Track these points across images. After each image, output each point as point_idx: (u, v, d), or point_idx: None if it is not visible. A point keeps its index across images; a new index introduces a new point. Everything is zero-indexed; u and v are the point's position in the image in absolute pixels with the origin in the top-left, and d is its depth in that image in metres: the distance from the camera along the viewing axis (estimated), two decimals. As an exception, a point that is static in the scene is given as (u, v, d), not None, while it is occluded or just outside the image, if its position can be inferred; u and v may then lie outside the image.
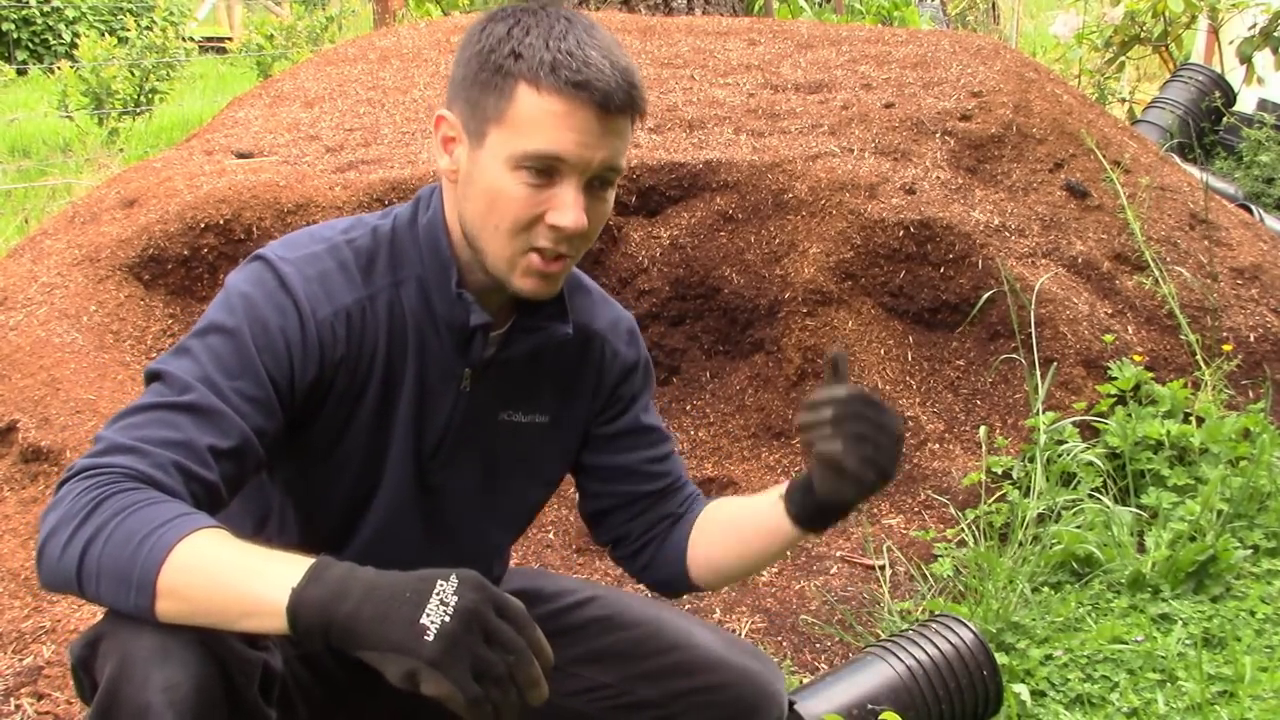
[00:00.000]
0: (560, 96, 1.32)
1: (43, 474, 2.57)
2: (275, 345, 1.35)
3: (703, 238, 3.25)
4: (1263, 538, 2.74)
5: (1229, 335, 3.36)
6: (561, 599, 1.71)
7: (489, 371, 1.50)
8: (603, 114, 1.33)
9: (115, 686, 1.21)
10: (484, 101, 1.36)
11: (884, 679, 2.03)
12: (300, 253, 1.41)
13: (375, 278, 1.43)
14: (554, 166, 1.34)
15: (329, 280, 1.40)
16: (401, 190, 3.15)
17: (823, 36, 4.33)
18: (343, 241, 1.44)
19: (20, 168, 7.34)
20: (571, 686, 1.65)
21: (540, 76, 1.32)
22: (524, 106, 1.33)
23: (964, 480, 2.86)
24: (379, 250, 1.45)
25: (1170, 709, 2.17)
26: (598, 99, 1.32)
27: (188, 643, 1.22)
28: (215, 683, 1.23)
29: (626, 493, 1.65)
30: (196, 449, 1.28)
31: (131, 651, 1.21)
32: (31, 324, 2.88)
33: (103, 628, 1.25)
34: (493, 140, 1.36)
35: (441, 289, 1.44)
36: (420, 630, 1.13)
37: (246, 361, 1.33)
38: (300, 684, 1.49)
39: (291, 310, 1.37)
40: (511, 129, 1.34)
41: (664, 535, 1.66)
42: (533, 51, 1.33)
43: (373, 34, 5.14)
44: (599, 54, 1.33)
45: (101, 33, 10.07)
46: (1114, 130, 4.03)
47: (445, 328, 1.45)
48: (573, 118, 1.32)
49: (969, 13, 10.65)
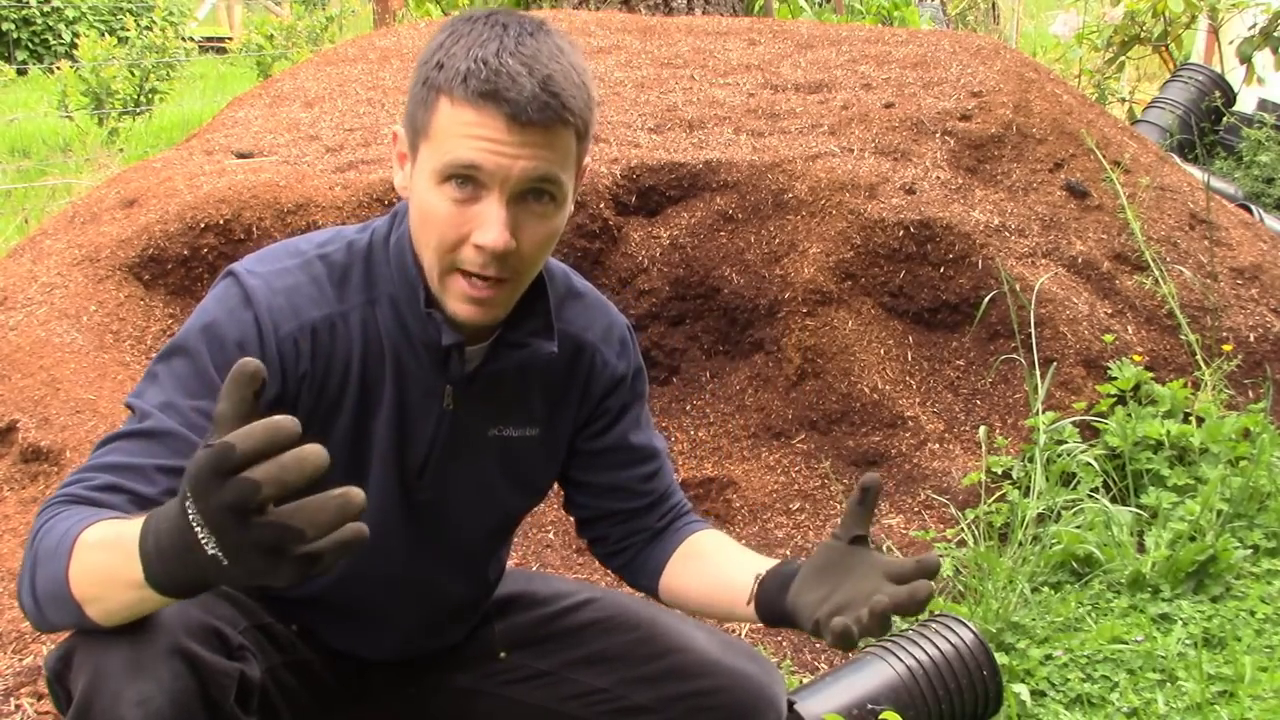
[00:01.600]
0: (470, 106, 1.29)
1: (43, 474, 2.57)
2: (233, 362, 1.33)
3: (703, 238, 3.25)
4: (1263, 538, 2.74)
5: (1229, 335, 3.36)
6: (557, 602, 1.71)
7: (473, 388, 1.47)
8: (514, 124, 1.28)
9: (88, 702, 1.20)
10: (417, 116, 1.35)
11: (884, 679, 2.03)
12: (271, 267, 1.40)
13: (349, 294, 1.42)
14: (474, 178, 1.30)
15: (297, 295, 1.39)
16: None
17: (823, 36, 4.33)
18: (316, 256, 1.42)
19: (20, 168, 7.34)
20: (567, 691, 1.65)
21: (454, 87, 1.30)
22: (442, 119, 1.31)
23: (964, 480, 2.86)
24: (353, 266, 1.43)
25: (1170, 709, 2.17)
26: (506, 110, 1.28)
27: (160, 655, 1.21)
28: (190, 695, 1.22)
29: (608, 508, 1.64)
30: (141, 469, 1.27)
31: (103, 665, 1.20)
32: (31, 324, 2.88)
33: (75, 640, 1.25)
34: (422, 155, 1.34)
35: (412, 307, 1.41)
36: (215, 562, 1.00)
37: (207, 381, 1.32)
38: (286, 691, 1.48)
39: (251, 326, 1.35)
40: (434, 142, 1.32)
41: (641, 546, 1.65)
42: (452, 62, 1.31)
43: (373, 34, 5.14)
44: (518, 62, 1.29)
45: (101, 33, 10.07)
46: (1114, 130, 4.03)
47: (421, 346, 1.43)
48: (483, 127, 1.29)
49: (969, 13, 10.64)
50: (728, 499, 2.93)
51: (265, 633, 1.43)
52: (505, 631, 1.69)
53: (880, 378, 3.07)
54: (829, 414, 3.02)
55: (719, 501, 2.94)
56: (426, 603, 1.60)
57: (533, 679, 1.66)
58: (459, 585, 1.62)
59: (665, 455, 1.68)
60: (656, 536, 1.64)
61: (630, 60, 4.10)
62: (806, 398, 3.04)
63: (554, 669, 1.66)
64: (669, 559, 1.62)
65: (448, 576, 1.59)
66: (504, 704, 1.66)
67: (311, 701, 1.55)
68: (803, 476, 2.93)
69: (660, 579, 1.62)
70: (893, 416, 3.01)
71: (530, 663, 1.67)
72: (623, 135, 3.51)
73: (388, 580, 1.53)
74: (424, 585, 1.57)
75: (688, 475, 2.99)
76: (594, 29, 4.40)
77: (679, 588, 1.61)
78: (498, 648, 1.68)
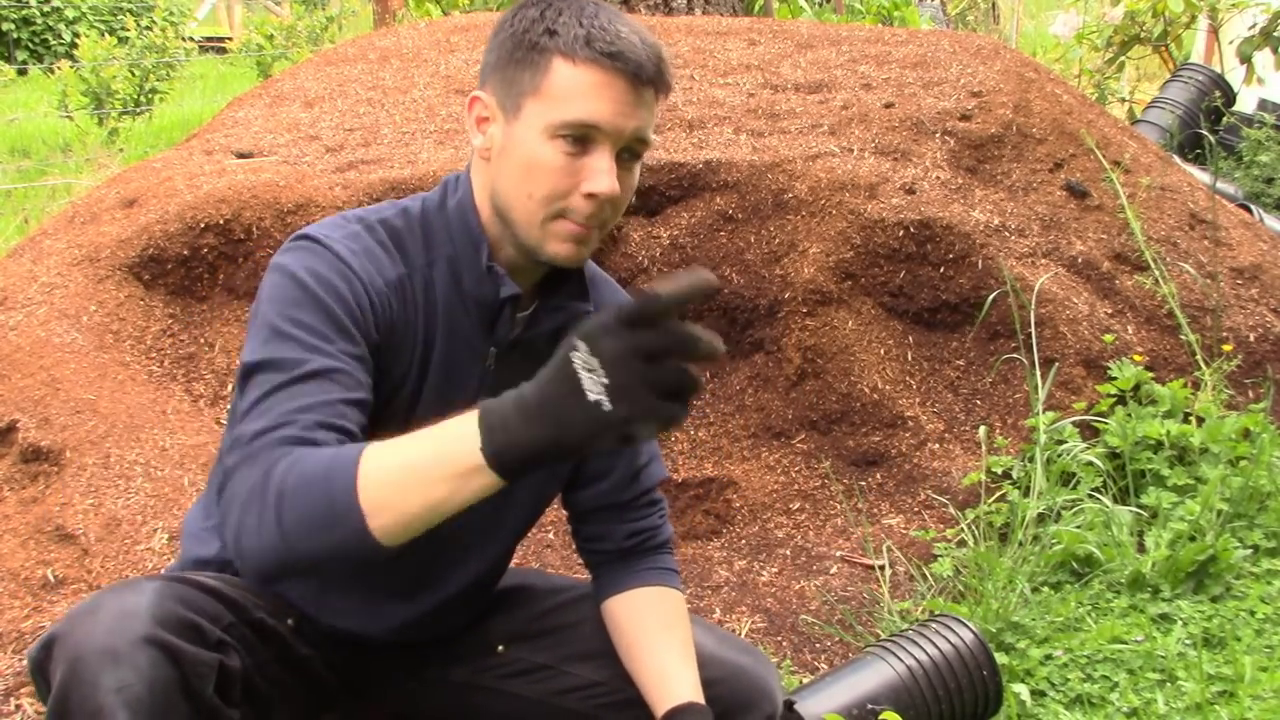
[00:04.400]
0: (596, 66, 1.38)
1: (43, 474, 2.57)
2: (351, 308, 1.40)
3: (703, 238, 3.25)
4: (1263, 538, 2.74)
5: (1229, 335, 3.36)
6: (555, 597, 1.72)
7: (513, 352, 1.53)
8: (635, 84, 1.39)
9: (66, 690, 1.22)
10: (519, 77, 1.41)
11: (884, 679, 2.03)
12: (342, 231, 1.46)
13: (410, 256, 1.48)
14: (589, 135, 1.39)
15: (373, 256, 1.45)
16: (401, 190, 3.15)
17: (823, 36, 4.33)
18: (377, 222, 1.49)
19: (20, 168, 7.34)
20: (564, 685, 1.65)
21: (576, 49, 1.38)
22: (560, 78, 1.39)
23: (964, 480, 2.86)
24: (411, 230, 1.49)
25: (1170, 709, 2.17)
26: (631, 68, 1.38)
27: (136, 643, 1.23)
28: (169, 683, 1.24)
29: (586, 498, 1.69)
30: (332, 405, 1.31)
31: (81, 654, 1.22)
32: (31, 324, 2.88)
33: (56, 630, 1.26)
34: (529, 112, 1.40)
35: (472, 265, 1.48)
36: (595, 408, 1.11)
37: (338, 325, 1.37)
38: (279, 686, 1.48)
39: (355, 279, 1.41)
40: (548, 100, 1.39)
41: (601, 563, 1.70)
42: (567, 28, 1.39)
43: (373, 34, 5.14)
44: (629, 30, 1.40)
45: (101, 33, 10.07)
46: (1114, 130, 4.03)
47: (474, 305, 1.49)
48: (608, 87, 1.38)
49: (969, 13, 10.65)
50: (728, 499, 2.93)
51: (256, 629, 1.43)
52: (503, 625, 1.70)
53: (880, 378, 3.07)
54: (829, 414, 3.02)
55: (719, 501, 2.94)
56: (446, 576, 1.61)
57: (531, 673, 1.66)
58: (480, 561, 1.64)
59: (656, 458, 1.72)
60: (622, 558, 1.68)
61: (630, 60, 4.10)
62: (806, 398, 3.04)
63: (552, 663, 1.66)
64: (616, 595, 1.66)
65: (474, 549, 1.62)
66: (502, 698, 1.67)
67: (307, 697, 1.55)
68: (803, 476, 2.93)
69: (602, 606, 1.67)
70: (893, 416, 3.01)
71: (528, 656, 1.67)
72: (623, 135, 3.51)
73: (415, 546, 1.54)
74: (450, 555, 1.59)
75: (688, 475, 2.99)
76: (594, 29, 4.39)
77: (609, 629, 1.65)
78: (496, 641, 1.68)
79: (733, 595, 2.59)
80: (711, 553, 2.76)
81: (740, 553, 2.76)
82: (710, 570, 2.68)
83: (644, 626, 1.62)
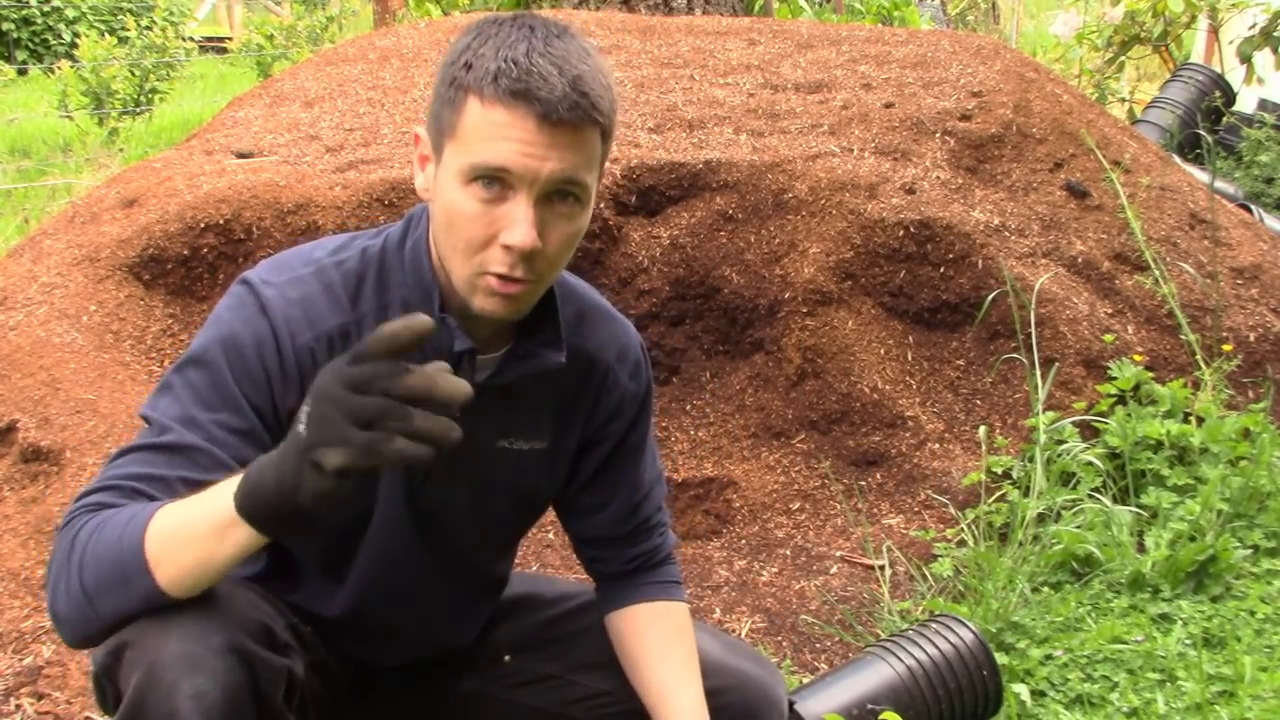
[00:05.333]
0: (501, 106, 1.28)
1: (43, 474, 2.57)
2: (254, 373, 1.35)
3: (703, 238, 3.25)
4: (1263, 538, 2.74)
5: (1229, 335, 3.36)
6: (562, 605, 1.72)
7: (482, 398, 1.44)
8: (544, 124, 1.27)
9: (142, 695, 1.21)
10: (443, 116, 1.33)
11: (884, 679, 2.03)
12: (285, 276, 1.40)
13: (362, 302, 1.41)
14: (502, 179, 1.29)
15: (312, 304, 1.39)
16: (401, 190, 3.15)
17: (823, 36, 4.33)
18: (330, 264, 1.42)
19: (20, 168, 7.34)
20: (572, 695, 1.65)
21: (484, 87, 1.28)
22: (471, 118, 1.30)
23: (964, 480, 2.86)
24: (367, 273, 1.42)
25: (1170, 709, 2.17)
26: (538, 109, 1.27)
27: (216, 650, 1.22)
28: (243, 690, 1.23)
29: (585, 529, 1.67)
30: (166, 480, 1.30)
31: (159, 659, 1.21)
32: (31, 324, 2.88)
33: (127, 636, 1.25)
34: (447, 155, 1.33)
35: (426, 313, 1.38)
36: (295, 435, 1.14)
37: (226, 394, 1.33)
38: (312, 690, 1.48)
39: (269, 337, 1.36)
40: (462, 142, 1.30)
41: (602, 576, 1.69)
42: (481, 62, 1.29)
43: (373, 34, 5.14)
44: (548, 63, 1.28)
45: (101, 33, 10.07)
46: (1114, 130, 4.03)
47: (433, 352, 1.37)
48: (513, 128, 1.27)
49: (969, 13, 10.65)
50: (728, 499, 2.93)
51: (294, 632, 1.43)
52: (510, 635, 1.69)
53: (880, 378, 3.07)
54: (829, 414, 3.02)
55: (719, 501, 2.94)
56: (431, 611, 1.60)
57: (538, 682, 1.66)
58: (463, 595, 1.62)
59: (658, 482, 1.68)
60: (625, 576, 1.66)
61: (630, 60, 4.10)
62: (806, 398, 3.04)
63: (559, 672, 1.66)
64: (618, 611, 1.65)
65: (452, 586, 1.60)
66: (509, 708, 1.66)
67: (329, 700, 1.55)
68: (803, 476, 2.93)
69: (605, 621, 1.66)
70: (893, 416, 3.01)
71: (535, 666, 1.67)
72: (623, 135, 3.51)
73: (392, 587, 1.54)
74: (429, 594, 1.58)
75: (688, 475, 2.99)
76: (594, 29, 4.40)
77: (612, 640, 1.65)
78: (503, 651, 1.68)
79: (733, 595, 2.59)
80: (711, 553, 2.76)
81: (740, 553, 2.76)
82: (710, 570, 2.68)
83: (645, 645, 1.61)
